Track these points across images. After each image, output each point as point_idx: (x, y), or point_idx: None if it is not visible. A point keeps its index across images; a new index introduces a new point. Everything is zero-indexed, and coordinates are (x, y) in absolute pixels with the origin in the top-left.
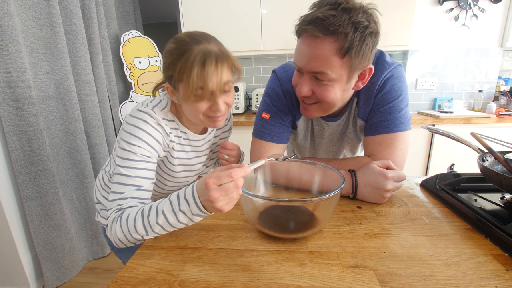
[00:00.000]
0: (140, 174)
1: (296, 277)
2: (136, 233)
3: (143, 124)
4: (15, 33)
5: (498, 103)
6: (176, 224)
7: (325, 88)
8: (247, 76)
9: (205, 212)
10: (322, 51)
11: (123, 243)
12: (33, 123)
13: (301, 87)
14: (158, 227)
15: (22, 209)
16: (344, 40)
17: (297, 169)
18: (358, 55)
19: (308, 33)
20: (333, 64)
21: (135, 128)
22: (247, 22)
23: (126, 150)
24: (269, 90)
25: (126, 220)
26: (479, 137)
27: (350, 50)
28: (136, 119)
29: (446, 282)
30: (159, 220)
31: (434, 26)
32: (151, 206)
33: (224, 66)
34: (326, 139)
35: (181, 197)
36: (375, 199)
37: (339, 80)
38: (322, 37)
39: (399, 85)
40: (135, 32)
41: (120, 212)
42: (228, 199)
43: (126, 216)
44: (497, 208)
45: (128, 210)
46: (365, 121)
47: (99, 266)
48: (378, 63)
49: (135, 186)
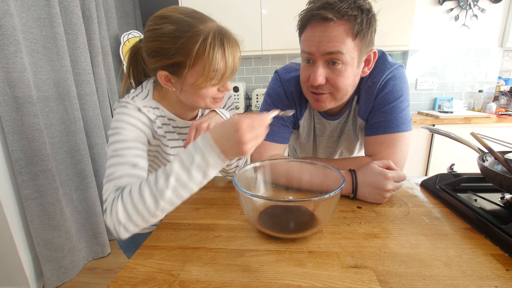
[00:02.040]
0: (132, 152)
1: (296, 277)
2: (144, 207)
3: (124, 110)
4: (15, 33)
5: (498, 103)
6: (188, 183)
7: (339, 73)
8: (247, 76)
9: (223, 158)
10: (336, 32)
11: (125, 227)
12: (33, 123)
13: (315, 75)
14: (169, 192)
15: (22, 209)
16: (354, 22)
17: (297, 169)
18: (366, 38)
19: (320, 17)
20: (347, 45)
21: (117, 119)
22: (247, 22)
23: (114, 135)
24: (271, 91)
25: (129, 194)
26: (479, 137)
27: (360, 32)
28: (117, 114)
29: (446, 282)
30: (170, 181)
31: (434, 26)
32: (156, 173)
33: (236, 45)
34: (326, 136)
35: (193, 150)
36: (375, 199)
37: (352, 63)
38: (335, 20)
39: (400, 85)
40: (135, 32)
41: (120, 190)
42: (255, 143)
43: (129, 190)
44: (497, 208)
45: (129, 185)
46: (365, 120)
47: (99, 266)
48: (380, 63)
49: (129, 164)
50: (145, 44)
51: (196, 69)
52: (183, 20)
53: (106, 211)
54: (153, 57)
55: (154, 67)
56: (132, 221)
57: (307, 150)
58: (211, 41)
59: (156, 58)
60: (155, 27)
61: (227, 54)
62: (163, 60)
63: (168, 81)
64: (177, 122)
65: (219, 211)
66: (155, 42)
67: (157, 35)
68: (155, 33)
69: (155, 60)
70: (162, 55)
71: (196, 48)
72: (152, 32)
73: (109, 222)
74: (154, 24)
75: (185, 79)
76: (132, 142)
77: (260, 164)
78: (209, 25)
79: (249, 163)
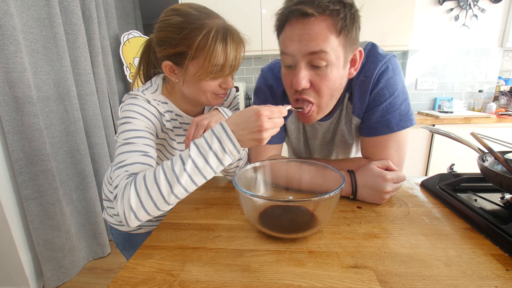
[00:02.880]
0: (143, 141)
1: (296, 277)
2: (158, 193)
3: (135, 101)
4: (15, 33)
5: (498, 103)
6: (203, 169)
7: (324, 76)
8: (247, 76)
9: (238, 148)
10: (318, 29)
11: (136, 214)
12: (33, 123)
13: (298, 78)
14: (185, 176)
15: (22, 209)
16: (337, 17)
17: (297, 169)
18: (351, 35)
19: (299, 14)
20: (331, 43)
21: (128, 109)
22: (247, 22)
23: (125, 124)
24: (257, 90)
25: (143, 179)
26: (479, 137)
27: (344, 28)
28: (127, 104)
29: (446, 282)
30: (187, 167)
31: (434, 26)
32: (171, 159)
33: (240, 43)
34: (319, 139)
35: (210, 137)
36: (374, 200)
37: (337, 64)
38: (316, 15)
39: (394, 78)
40: (135, 32)
41: (132, 176)
42: (272, 132)
43: (143, 176)
44: (497, 208)
45: (143, 172)
46: (361, 118)
47: (99, 266)
48: (371, 55)
49: (140, 152)
50: (155, 34)
51: (197, 61)
52: (191, 14)
53: (117, 197)
54: (160, 46)
55: (160, 55)
56: (144, 207)
57: (300, 154)
58: (214, 35)
59: (162, 47)
60: (165, 18)
61: (228, 50)
62: (168, 49)
63: (172, 72)
64: (184, 118)
65: (219, 211)
66: (162, 32)
67: (165, 25)
68: (164, 23)
69: (161, 49)
70: (167, 44)
71: (198, 40)
72: (162, 22)
73: (119, 208)
74: (165, 16)
75: (186, 70)
76: (142, 132)
77: (260, 164)
78: (216, 21)
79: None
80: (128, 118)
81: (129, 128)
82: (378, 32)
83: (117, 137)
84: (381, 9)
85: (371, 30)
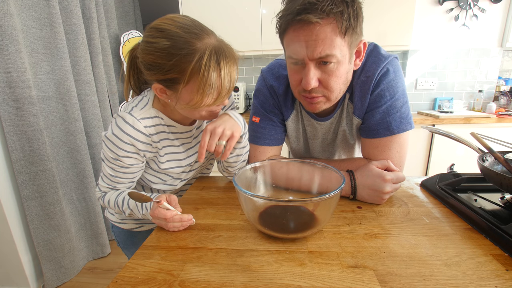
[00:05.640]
0: (129, 176)
1: (296, 277)
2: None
3: (123, 127)
4: (15, 33)
5: (498, 103)
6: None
7: (332, 73)
8: (247, 76)
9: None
10: (325, 34)
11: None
12: (33, 123)
13: (307, 79)
14: (129, 210)
15: (22, 209)
16: (341, 18)
17: (297, 170)
18: (356, 31)
19: (304, 22)
20: (338, 45)
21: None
22: (247, 22)
23: (112, 150)
24: (256, 92)
25: (107, 203)
26: (479, 137)
27: (349, 28)
28: (116, 127)
29: (446, 282)
30: (127, 211)
31: (434, 26)
32: (123, 202)
33: (234, 64)
34: (319, 139)
35: (141, 208)
36: (373, 200)
37: (343, 60)
38: (321, 22)
39: (396, 80)
40: (135, 32)
41: (103, 195)
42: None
43: (107, 200)
44: (497, 208)
45: (108, 195)
46: (361, 119)
47: (99, 266)
48: (373, 55)
49: (127, 182)
50: (141, 55)
51: (191, 86)
52: (179, 36)
53: (97, 194)
54: (148, 69)
55: (149, 79)
56: (111, 212)
57: (299, 155)
58: (206, 61)
59: (151, 71)
60: (151, 40)
61: (222, 75)
62: (158, 74)
63: (164, 93)
64: (177, 128)
65: (219, 211)
66: (150, 56)
67: (152, 49)
68: (150, 46)
69: (150, 73)
70: (157, 70)
71: (190, 67)
72: (148, 44)
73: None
74: (150, 37)
75: (180, 95)
76: (127, 159)
77: (260, 164)
78: (206, 42)
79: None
80: (115, 154)
81: (116, 156)
82: (378, 32)
83: (103, 153)
84: (381, 9)
85: (371, 30)
